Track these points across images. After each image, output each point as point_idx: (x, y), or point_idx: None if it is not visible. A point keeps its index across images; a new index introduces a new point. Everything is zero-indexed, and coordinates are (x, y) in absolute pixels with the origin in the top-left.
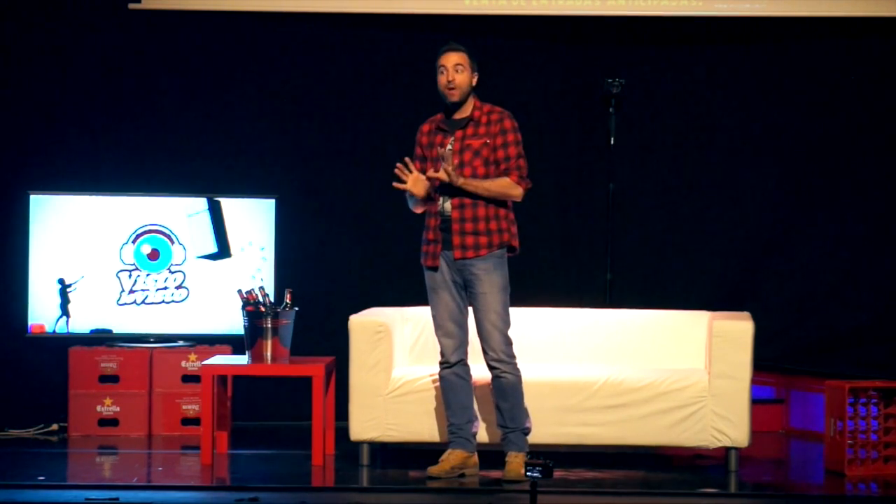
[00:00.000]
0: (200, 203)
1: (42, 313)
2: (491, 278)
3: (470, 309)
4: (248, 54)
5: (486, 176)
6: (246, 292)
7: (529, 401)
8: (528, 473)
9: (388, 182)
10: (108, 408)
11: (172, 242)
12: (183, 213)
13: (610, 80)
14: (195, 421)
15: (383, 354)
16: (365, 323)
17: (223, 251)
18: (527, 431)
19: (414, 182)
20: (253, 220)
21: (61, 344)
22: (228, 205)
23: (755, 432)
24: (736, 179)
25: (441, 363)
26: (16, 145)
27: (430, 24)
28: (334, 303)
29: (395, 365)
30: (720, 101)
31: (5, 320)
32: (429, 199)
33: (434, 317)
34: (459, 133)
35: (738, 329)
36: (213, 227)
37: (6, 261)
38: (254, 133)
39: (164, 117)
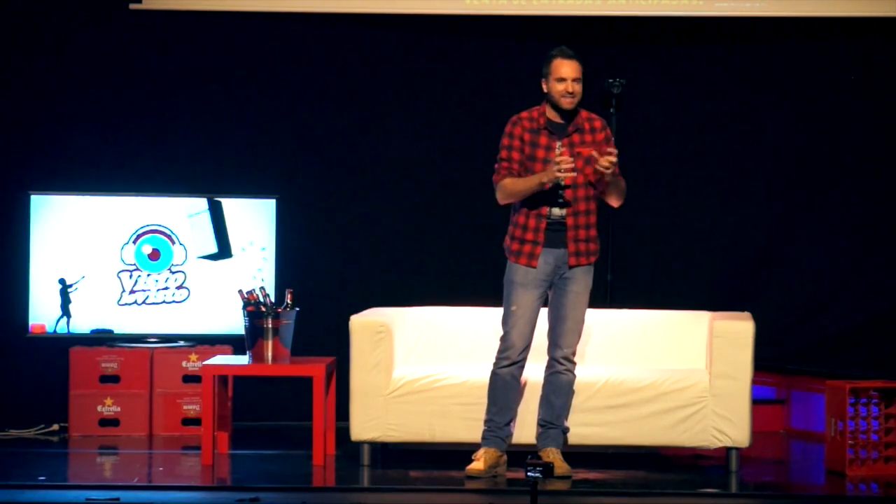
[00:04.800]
0: (201, 203)
1: (43, 313)
2: (586, 280)
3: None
4: (248, 54)
5: (594, 183)
6: (247, 292)
7: (530, 401)
8: (529, 473)
9: (388, 182)
10: (108, 408)
11: (173, 243)
12: (183, 214)
13: (611, 81)
14: (196, 421)
15: (384, 355)
16: (366, 323)
17: (224, 251)
18: (566, 431)
19: (551, 169)
20: (254, 220)
21: (62, 344)
22: (229, 205)
23: (756, 432)
24: (737, 179)
25: (500, 359)
26: (16, 145)
27: (431, 24)
28: (335, 303)
29: (396, 365)
30: (721, 101)
31: (6, 320)
32: (531, 197)
33: (511, 312)
34: (566, 140)
35: (739, 329)
36: (214, 228)
37: (7, 261)
38: (254, 133)
39: (165, 117)
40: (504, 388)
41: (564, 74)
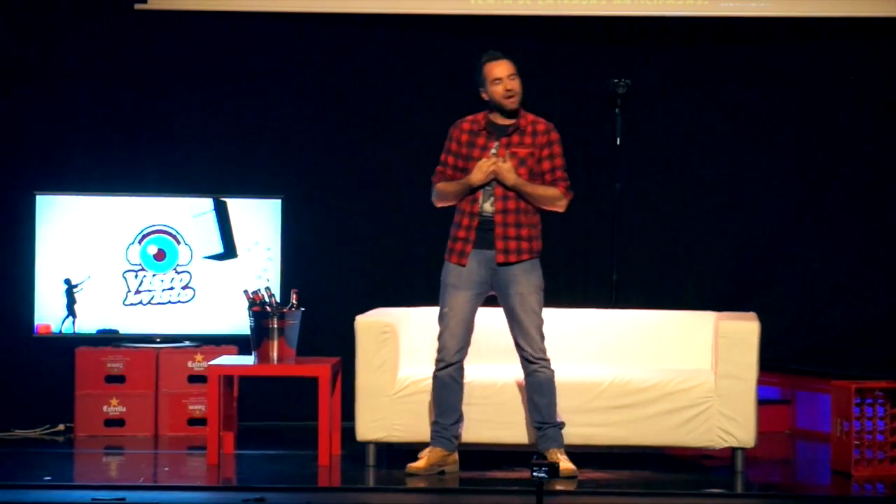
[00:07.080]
0: (206, 203)
1: (48, 314)
2: (529, 279)
3: (481, 310)
4: (253, 55)
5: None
6: (252, 293)
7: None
8: (534, 474)
9: (393, 181)
10: (114, 408)
11: (178, 243)
12: (189, 214)
13: (615, 81)
14: (201, 421)
15: (389, 355)
16: (371, 323)
17: (229, 251)
18: (562, 426)
19: (477, 168)
20: (259, 220)
21: (67, 344)
22: (234, 205)
23: (761, 433)
24: (741, 179)
25: (438, 361)
26: (21, 145)
27: (434, 23)
28: (340, 303)
29: (401, 365)
30: (725, 102)
31: (11, 321)
32: (464, 196)
33: (444, 314)
34: (504, 139)
35: (745, 329)
36: (220, 228)
37: (12, 261)
38: (259, 133)
39: (170, 117)
40: (444, 389)
41: (499, 74)
